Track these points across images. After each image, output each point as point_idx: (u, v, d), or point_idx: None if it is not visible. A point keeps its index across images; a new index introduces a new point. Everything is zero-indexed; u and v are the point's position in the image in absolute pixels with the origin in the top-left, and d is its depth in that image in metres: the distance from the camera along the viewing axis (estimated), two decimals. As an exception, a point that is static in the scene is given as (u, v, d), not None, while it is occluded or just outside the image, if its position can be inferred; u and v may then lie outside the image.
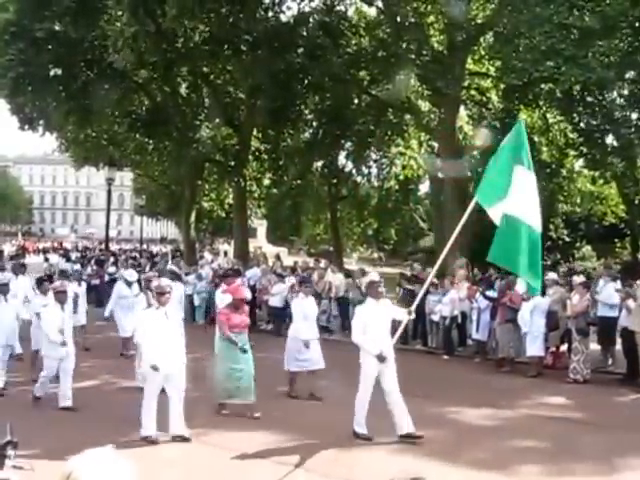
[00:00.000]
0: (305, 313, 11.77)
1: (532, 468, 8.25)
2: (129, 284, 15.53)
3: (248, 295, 11.47)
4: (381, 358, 9.04)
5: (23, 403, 10.44)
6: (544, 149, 28.12)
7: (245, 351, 10.21)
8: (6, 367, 11.50)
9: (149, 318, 9.36)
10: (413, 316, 10.26)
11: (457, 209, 24.09)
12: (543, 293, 14.66)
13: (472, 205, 9.24)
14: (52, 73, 26.91)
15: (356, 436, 9.19)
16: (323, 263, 23.93)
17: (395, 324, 9.75)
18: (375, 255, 36.30)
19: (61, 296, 10.68)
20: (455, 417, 10.13)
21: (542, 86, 22.73)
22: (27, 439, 3.28)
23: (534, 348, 14.35)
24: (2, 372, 11.41)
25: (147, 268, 24.89)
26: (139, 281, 15.81)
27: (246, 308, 11.01)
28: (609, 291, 14.80)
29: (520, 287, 16.22)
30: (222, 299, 11.78)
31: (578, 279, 15.70)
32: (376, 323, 9.24)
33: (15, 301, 12.88)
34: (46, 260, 35.07)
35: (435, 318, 17.32)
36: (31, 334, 12.90)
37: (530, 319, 14.42)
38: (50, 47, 26.11)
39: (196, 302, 21.30)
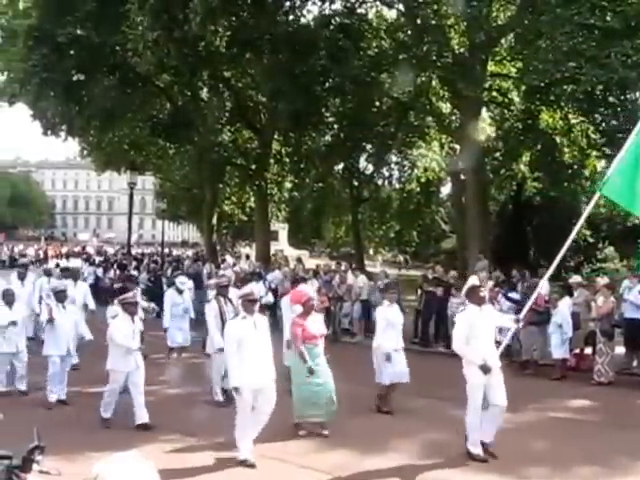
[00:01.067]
0: (391, 321, 10.87)
1: (554, 471, 8.17)
2: (180, 292, 15.14)
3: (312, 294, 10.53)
4: (485, 369, 8.33)
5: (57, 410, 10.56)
6: (565, 150, 27.89)
7: (312, 372, 9.19)
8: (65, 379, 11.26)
9: (237, 329, 8.31)
10: (521, 325, 9.36)
11: (479, 211, 24.15)
12: (569, 295, 14.63)
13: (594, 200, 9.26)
14: (74, 78, 27.12)
15: (471, 457, 8.36)
16: (344, 266, 23.89)
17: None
18: (400, 258, 36.18)
19: (132, 307, 10.19)
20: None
21: (564, 87, 22.55)
22: (53, 444, 3.26)
23: (560, 351, 14.25)
24: (62, 385, 11.17)
25: (169, 272, 25.01)
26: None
27: (320, 317, 10.12)
28: (635, 292, 14.68)
29: (543, 289, 16.19)
30: (293, 310, 10.94)
31: (602, 280, 15.58)
32: (480, 331, 8.54)
33: (74, 308, 12.53)
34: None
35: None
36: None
37: (557, 321, 14.31)
38: (72, 52, 26.30)
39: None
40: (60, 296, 11.50)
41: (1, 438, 2.87)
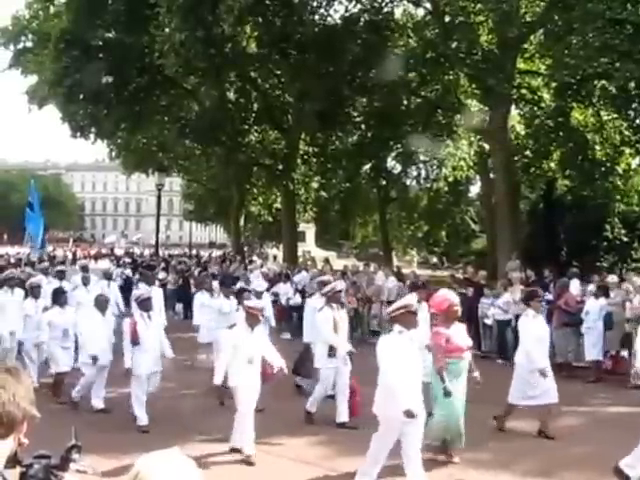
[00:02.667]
0: (537, 335, 9.59)
1: (590, 477, 7.97)
2: (259, 294, 13.33)
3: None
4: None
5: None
6: (597, 147, 27.42)
7: (448, 394, 7.89)
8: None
9: (394, 347, 7.08)
10: None
11: (509, 210, 23.85)
12: (605, 295, 14.32)
13: None
14: (104, 81, 27.27)
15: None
16: (372, 267, 23.72)
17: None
18: (434, 259, 35.90)
19: (255, 320, 8.95)
20: (510, 424, 9.80)
21: (595, 83, 22.26)
22: (90, 445, 3.28)
23: (593, 352, 13.95)
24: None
25: (196, 273, 24.97)
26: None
27: (463, 326, 8.76)
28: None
29: (574, 289, 15.89)
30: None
31: (638, 280, 15.23)
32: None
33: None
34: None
35: (488, 322, 16.94)
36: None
37: (589, 322, 14.04)
38: (102, 55, 26.50)
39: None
40: (146, 305, 10.19)
41: (43, 440, 2.74)
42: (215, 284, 19.58)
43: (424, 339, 8.38)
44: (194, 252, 44.17)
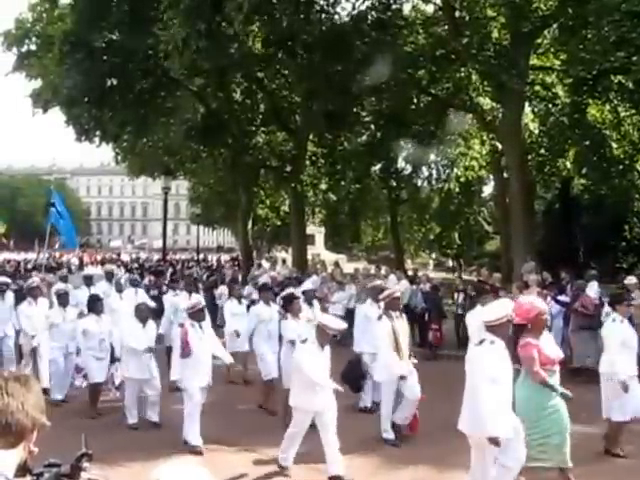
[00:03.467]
0: (625, 340, 8.95)
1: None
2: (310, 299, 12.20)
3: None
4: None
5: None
6: (615, 145, 26.80)
7: (567, 397, 7.16)
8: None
9: (491, 360, 6.42)
10: None
11: (524, 210, 23.28)
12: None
13: None
14: (108, 83, 26.96)
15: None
16: (384, 270, 23.20)
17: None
18: (450, 262, 35.27)
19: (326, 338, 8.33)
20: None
21: (612, 78, 21.73)
22: (102, 454, 3.47)
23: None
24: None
25: (204, 277, 24.51)
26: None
27: (550, 336, 7.91)
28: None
29: (592, 291, 15.29)
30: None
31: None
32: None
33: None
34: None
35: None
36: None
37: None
38: (106, 57, 26.18)
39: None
40: (199, 315, 9.62)
41: (55, 448, 2.89)
42: (223, 288, 19.16)
43: None
44: (202, 256, 43.78)
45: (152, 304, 13.99)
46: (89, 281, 15.37)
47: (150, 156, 36.01)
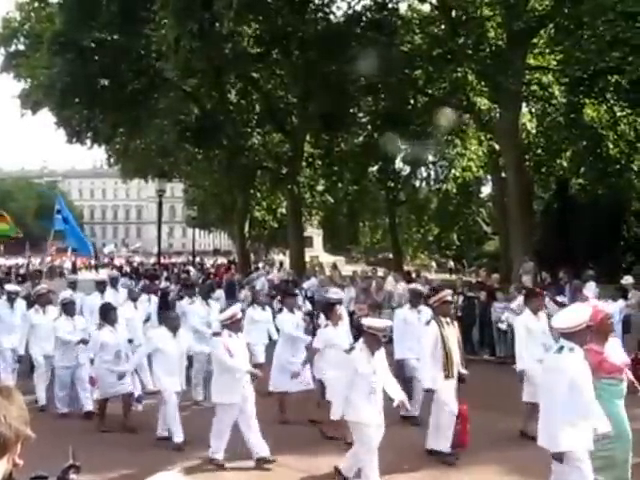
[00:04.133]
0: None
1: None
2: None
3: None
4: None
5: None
6: (611, 144, 26.72)
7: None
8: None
9: (574, 369, 5.88)
10: None
11: (522, 210, 23.21)
12: (624, 297, 13.65)
13: None
14: (100, 84, 26.76)
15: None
16: (382, 272, 23.05)
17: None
18: (451, 263, 35.09)
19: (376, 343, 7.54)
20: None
21: (608, 78, 21.68)
22: (88, 463, 3.27)
23: (615, 356, 13.21)
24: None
25: (199, 281, 24.31)
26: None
27: (617, 341, 7.24)
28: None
29: (590, 291, 15.20)
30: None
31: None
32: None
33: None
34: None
35: (503, 326, 16.22)
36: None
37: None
38: (97, 57, 26.01)
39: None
40: (236, 326, 8.84)
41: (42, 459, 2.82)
42: (220, 292, 18.89)
43: None
44: (197, 260, 43.49)
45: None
46: (102, 287, 14.31)
47: (144, 158, 35.73)
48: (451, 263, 33.87)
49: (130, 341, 10.99)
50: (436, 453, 8.36)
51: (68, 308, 11.16)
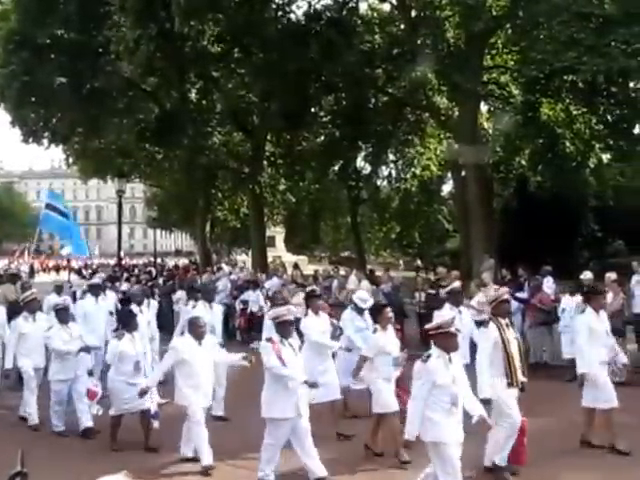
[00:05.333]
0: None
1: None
2: (360, 311, 10.19)
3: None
4: None
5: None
6: (568, 143, 27.13)
7: None
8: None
9: None
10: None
11: (482, 208, 23.48)
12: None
13: None
14: (57, 83, 26.39)
15: None
16: (343, 271, 23.11)
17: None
18: (419, 262, 35.12)
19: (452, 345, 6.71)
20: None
21: (564, 77, 21.98)
22: (35, 469, 3.25)
23: (570, 350, 13.45)
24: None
25: (160, 281, 24.17)
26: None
27: None
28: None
29: (549, 287, 15.46)
30: None
31: (612, 276, 14.76)
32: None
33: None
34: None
35: (462, 323, 16.40)
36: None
37: (566, 320, 13.57)
38: (54, 56, 25.67)
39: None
40: (290, 330, 7.77)
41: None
42: (181, 293, 18.59)
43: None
44: (159, 261, 43.13)
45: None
46: (96, 291, 13.21)
47: (103, 158, 35.31)
48: (419, 261, 33.94)
49: None
50: (497, 469, 7.59)
51: (62, 315, 10.07)
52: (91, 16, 24.65)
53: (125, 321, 9.38)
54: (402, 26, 25.88)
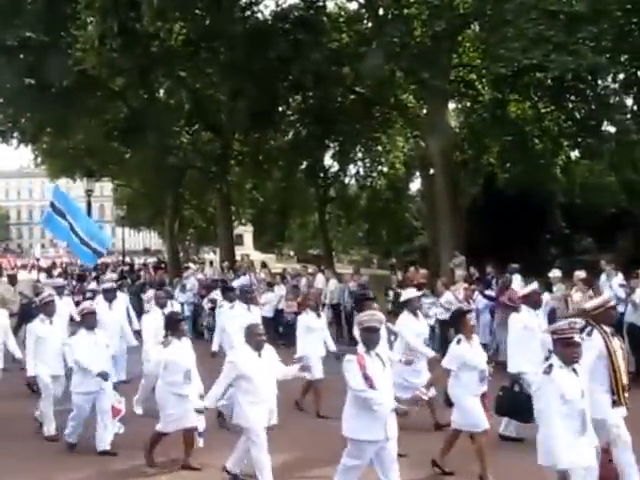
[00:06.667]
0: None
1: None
2: (416, 314, 10.06)
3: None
4: None
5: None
6: (536, 140, 27.30)
7: None
8: None
9: None
10: None
11: (450, 206, 23.55)
12: (549, 290, 13.97)
13: None
14: (25, 83, 26.05)
15: None
16: (311, 269, 23.06)
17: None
18: (393, 260, 35.04)
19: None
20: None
21: (532, 75, 22.09)
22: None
23: (540, 348, 13.49)
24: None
25: (129, 281, 23.87)
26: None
27: None
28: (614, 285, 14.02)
29: (517, 285, 15.52)
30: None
31: (580, 274, 14.84)
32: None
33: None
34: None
35: (430, 322, 16.35)
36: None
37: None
38: (22, 56, 25.40)
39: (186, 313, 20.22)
40: (373, 339, 6.54)
41: None
42: (151, 293, 18.16)
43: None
44: (127, 259, 42.79)
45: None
46: (111, 295, 12.42)
47: (71, 157, 35.21)
48: (393, 260, 33.94)
49: None
50: None
51: (89, 320, 9.15)
52: (58, 15, 24.40)
53: (174, 326, 8.46)
54: (369, 24, 25.81)
